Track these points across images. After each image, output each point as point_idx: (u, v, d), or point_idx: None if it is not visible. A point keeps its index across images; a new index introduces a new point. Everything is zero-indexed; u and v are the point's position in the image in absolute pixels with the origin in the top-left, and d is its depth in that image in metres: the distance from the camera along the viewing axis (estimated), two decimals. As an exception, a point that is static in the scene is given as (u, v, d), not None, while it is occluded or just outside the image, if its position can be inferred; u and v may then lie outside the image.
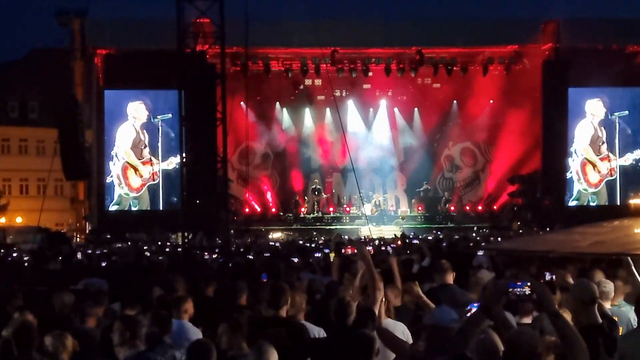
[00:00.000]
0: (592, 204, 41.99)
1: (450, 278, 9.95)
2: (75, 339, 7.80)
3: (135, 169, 39.35)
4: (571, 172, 42.38)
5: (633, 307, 8.75)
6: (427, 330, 6.45)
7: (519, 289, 5.89)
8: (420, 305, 9.10)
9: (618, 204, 41.07)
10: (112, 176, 39.88)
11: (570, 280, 9.16)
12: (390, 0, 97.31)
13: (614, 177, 42.07)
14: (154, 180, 39.27)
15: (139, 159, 39.50)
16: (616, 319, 8.38)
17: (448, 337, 5.94)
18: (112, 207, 40.13)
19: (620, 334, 8.12)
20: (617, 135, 42.50)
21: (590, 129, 42.62)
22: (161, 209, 39.59)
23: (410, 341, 8.36)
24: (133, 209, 39.78)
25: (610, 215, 11.18)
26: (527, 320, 8.76)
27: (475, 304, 6.48)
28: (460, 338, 5.76)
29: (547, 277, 8.06)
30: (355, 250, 10.50)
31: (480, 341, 5.51)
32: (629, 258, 8.51)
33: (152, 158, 39.39)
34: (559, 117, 41.52)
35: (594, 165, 41.87)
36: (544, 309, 5.85)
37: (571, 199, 42.32)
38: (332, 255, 13.87)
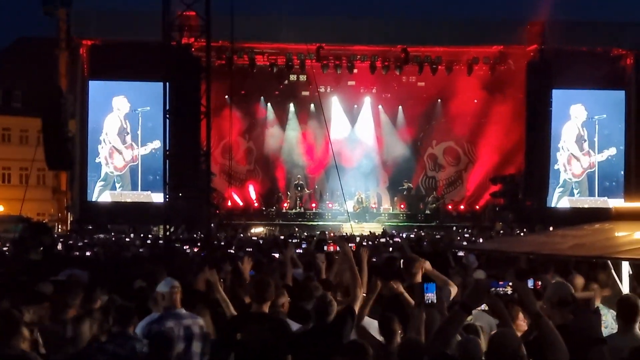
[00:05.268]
0: (575, 190, 43.88)
1: (419, 277, 9.76)
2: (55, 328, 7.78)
3: (120, 152, 42.93)
4: (558, 164, 43.69)
5: (610, 311, 8.81)
6: None
7: (501, 289, 5.96)
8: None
9: (596, 194, 43.81)
10: (99, 157, 42.76)
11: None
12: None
13: (593, 170, 44.15)
14: (134, 162, 42.79)
15: (123, 144, 42.89)
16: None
17: None
18: (99, 183, 42.70)
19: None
20: (596, 134, 43.95)
21: (575, 130, 43.86)
22: (140, 187, 42.51)
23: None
24: (117, 184, 42.77)
25: (591, 218, 11.26)
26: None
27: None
28: (441, 336, 5.75)
29: (530, 283, 8.10)
30: (338, 248, 10.51)
31: (463, 343, 5.53)
32: (609, 261, 8.57)
33: (133, 144, 42.75)
34: (542, 119, 41.80)
35: (578, 159, 44.11)
36: (525, 309, 5.88)
37: (557, 186, 43.64)
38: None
